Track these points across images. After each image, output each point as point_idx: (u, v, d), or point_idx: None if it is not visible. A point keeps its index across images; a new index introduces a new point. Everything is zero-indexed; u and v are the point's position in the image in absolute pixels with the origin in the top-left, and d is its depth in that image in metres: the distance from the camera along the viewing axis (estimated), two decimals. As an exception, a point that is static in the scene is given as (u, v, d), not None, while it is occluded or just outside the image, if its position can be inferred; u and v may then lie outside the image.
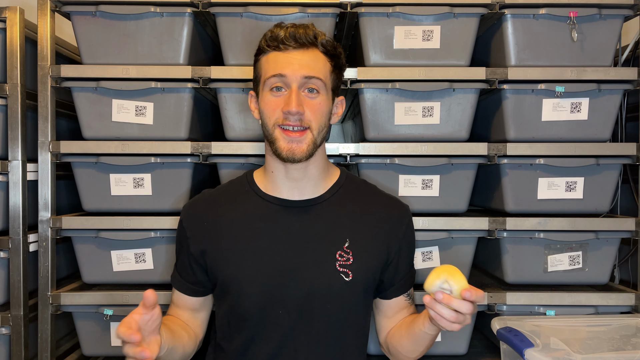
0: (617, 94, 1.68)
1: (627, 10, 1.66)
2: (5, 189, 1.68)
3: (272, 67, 1.23)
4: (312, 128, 1.23)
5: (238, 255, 1.28)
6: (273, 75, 1.22)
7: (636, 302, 1.66)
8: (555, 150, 1.66)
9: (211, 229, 1.31)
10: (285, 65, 1.22)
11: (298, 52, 1.23)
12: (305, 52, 1.23)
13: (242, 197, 1.35)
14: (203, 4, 1.64)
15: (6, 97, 1.67)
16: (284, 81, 1.22)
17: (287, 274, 1.26)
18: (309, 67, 1.22)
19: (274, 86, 1.23)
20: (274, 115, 1.23)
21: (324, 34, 1.27)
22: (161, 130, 1.69)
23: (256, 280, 1.26)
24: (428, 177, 1.69)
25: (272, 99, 1.24)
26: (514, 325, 1.44)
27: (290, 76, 1.21)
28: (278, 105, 1.23)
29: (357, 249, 1.28)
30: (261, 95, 1.27)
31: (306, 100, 1.23)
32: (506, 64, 1.68)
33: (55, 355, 1.73)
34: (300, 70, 1.22)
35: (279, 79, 1.22)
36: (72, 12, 1.68)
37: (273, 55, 1.24)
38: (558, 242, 1.68)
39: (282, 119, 1.22)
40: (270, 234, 1.29)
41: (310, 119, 1.23)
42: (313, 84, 1.23)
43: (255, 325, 1.26)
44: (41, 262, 1.68)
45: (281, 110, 1.22)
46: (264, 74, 1.25)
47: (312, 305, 1.25)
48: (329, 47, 1.26)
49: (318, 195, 1.32)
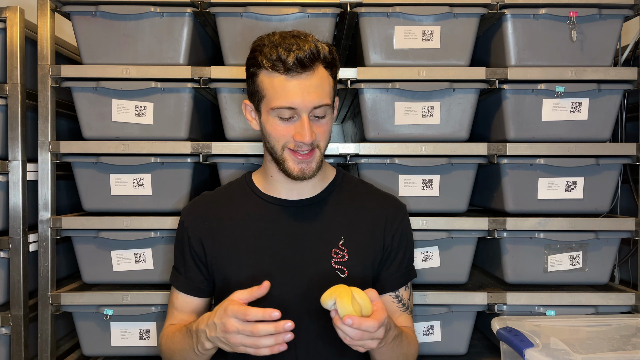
0: (617, 94, 1.68)
1: (627, 10, 1.66)
2: (5, 189, 1.68)
3: (280, 95, 1.20)
4: (320, 147, 1.26)
5: (238, 254, 1.30)
6: (282, 106, 1.20)
7: (636, 302, 1.66)
8: (555, 150, 1.66)
9: (212, 229, 1.33)
10: (294, 95, 1.19)
11: (305, 75, 1.19)
12: (311, 75, 1.20)
13: (242, 198, 1.36)
14: (203, 4, 1.64)
15: (6, 97, 1.67)
16: (294, 111, 1.21)
17: (285, 273, 1.27)
18: (317, 94, 1.20)
19: (285, 116, 1.22)
20: (282, 141, 1.24)
21: (324, 45, 1.23)
22: (161, 130, 1.69)
23: (256, 280, 1.26)
24: (428, 177, 1.69)
25: (281, 126, 1.23)
26: (514, 325, 1.44)
27: (301, 107, 1.20)
28: (288, 132, 1.23)
29: (352, 246, 1.30)
30: (266, 118, 1.25)
31: (315, 125, 1.23)
32: (506, 64, 1.68)
33: (55, 355, 1.73)
34: (311, 100, 1.19)
35: (288, 110, 1.20)
36: (72, 12, 1.68)
37: (279, 80, 1.20)
38: (558, 242, 1.68)
39: (292, 144, 1.23)
40: (270, 233, 1.31)
41: (319, 139, 1.25)
42: (322, 110, 1.23)
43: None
44: (41, 262, 1.68)
45: (292, 137, 1.22)
46: (268, 97, 1.22)
47: (310, 302, 1.26)
48: (329, 60, 1.24)
49: (315, 195, 1.34)
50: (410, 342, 1.29)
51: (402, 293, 1.36)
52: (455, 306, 1.68)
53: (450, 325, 1.70)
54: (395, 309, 1.35)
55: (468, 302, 1.67)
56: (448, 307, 1.68)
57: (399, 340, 1.20)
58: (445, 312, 1.68)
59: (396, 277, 1.35)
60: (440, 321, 1.70)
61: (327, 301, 1.05)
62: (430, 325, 1.70)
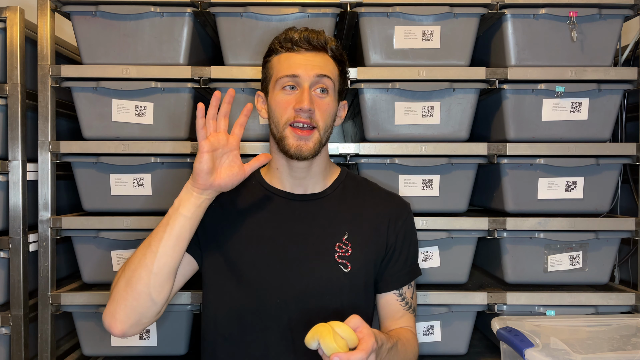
0: (617, 94, 1.68)
1: (627, 10, 1.66)
2: (5, 189, 1.68)
3: (284, 67, 1.27)
4: (319, 127, 1.27)
5: (240, 241, 1.30)
6: (286, 75, 1.26)
7: (636, 302, 1.66)
8: (555, 150, 1.66)
9: (217, 211, 1.32)
10: (298, 65, 1.26)
11: (310, 54, 1.28)
12: (316, 55, 1.28)
13: (249, 188, 1.36)
14: (203, 4, 1.64)
15: (6, 97, 1.67)
16: (297, 81, 1.26)
17: (287, 264, 1.28)
18: (320, 67, 1.27)
19: (287, 85, 1.27)
20: (285, 114, 1.26)
21: (334, 40, 1.31)
22: (161, 130, 1.69)
23: (256, 268, 1.27)
24: (428, 177, 1.69)
25: (283, 97, 1.27)
26: (514, 325, 1.44)
27: (303, 75, 1.25)
28: (289, 104, 1.26)
29: (355, 241, 1.31)
30: (271, 94, 1.30)
31: (316, 99, 1.27)
32: (506, 64, 1.68)
33: (55, 355, 1.73)
34: (313, 69, 1.26)
35: (291, 78, 1.26)
36: (72, 12, 1.68)
37: (285, 55, 1.28)
38: (558, 242, 1.68)
39: (293, 117, 1.25)
40: (273, 223, 1.31)
41: (319, 118, 1.26)
42: (324, 84, 1.27)
43: (250, 313, 1.27)
44: (41, 262, 1.68)
45: (293, 107, 1.25)
46: (275, 73, 1.29)
47: (310, 295, 1.26)
48: (337, 53, 1.31)
49: (320, 191, 1.35)
50: (409, 347, 1.29)
51: (406, 291, 1.36)
52: (455, 306, 1.68)
53: (450, 325, 1.71)
54: (398, 308, 1.35)
55: (468, 302, 1.67)
56: (448, 307, 1.68)
57: (394, 352, 1.19)
58: (445, 312, 1.68)
59: (400, 275, 1.35)
60: (440, 321, 1.70)
61: (310, 342, 1.04)
62: (430, 325, 1.70)
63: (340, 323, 1.04)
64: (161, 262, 1.17)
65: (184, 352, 1.73)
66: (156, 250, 1.17)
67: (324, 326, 1.03)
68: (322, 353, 1.03)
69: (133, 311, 1.18)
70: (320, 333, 1.02)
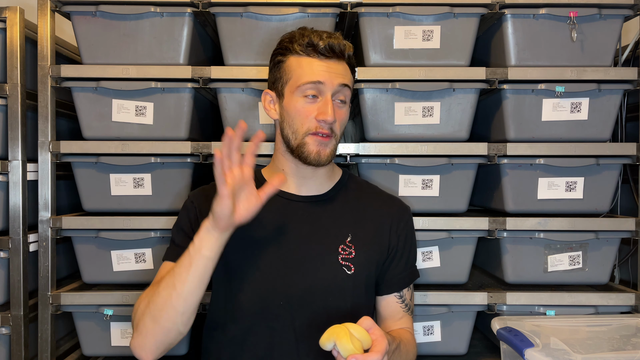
0: (617, 94, 1.68)
1: (627, 10, 1.66)
2: (5, 189, 1.68)
3: (307, 73, 1.25)
4: (336, 136, 1.28)
5: (243, 242, 1.29)
6: (309, 81, 1.24)
7: (636, 302, 1.66)
8: (555, 150, 1.66)
9: None
10: (322, 73, 1.24)
11: (332, 62, 1.26)
12: (338, 63, 1.27)
13: None
14: (203, 4, 1.64)
15: (6, 97, 1.67)
16: (319, 88, 1.25)
17: (290, 265, 1.28)
18: (342, 75, 1.27)
19: (310, 94, 1.25)
20: (306, 123, 1.25)
21: (351, 46, 1.30)
22: (161, 130, 1.69)
23: (259, 269, 1.27)
24: (428, 177, 1.69)
25: (305, 105, 1.26)
26: (514, 325, 1.44)
27: (327, 84, 1.24)
28: (311, 113, 1.25)
29: (359, 243, 1.31)
30: (289, 98, 1.27)
31: (336, 109, 1.26)
32: (506, 64, 1.68)
33: (55, 355, 1.73)
34: (337, 78, 1.25)
35: (315, 85, 1.24)
36: (72, 12, 1.68)
37: (307, 60, 1.26)
38: (558, 242, 1.68)
39: (315, 127, 1.25)
40: (276, 225, 1.31)
41: (337, 128, 1.28)
42: (344, 94, 1.28)
43: (254, 314, 1.27)
44: (41, 262, 1.68)
45: (315, 117, 1.25)
46: (295, 78, 1.26)
47: (313, 297, 1.26)
48: (353, 60, 1.31)
49: (323, 193, 1.35)
50: (409, 348, 1.30)
51: (406, 293, 1.37)
52: (455, 306, 1.68)
53: (450, 325, 1.71)
54: (398, 310, 1.36)
55: (468, 302, 1.67)
56: (448, 307, 1.68)
57: (397, 353, 1.20)
58: (445, 312, 1.68)
59: (401, 277, 1.36)
60: (440, 321, 1.70)
61: (326, 343, 1.05)
62: (430, 325, 1.70)
63: (355, 325, 1.05)
64: (188, 302, 1.17)
65: (184, 352, 1.73)
66: (181, 292, 1.16)
67: (340, 327, 1.04)
68: (336, 354, 1.03)
69: (162, 344, 1.19)
70: (337, 334, 1.03)
